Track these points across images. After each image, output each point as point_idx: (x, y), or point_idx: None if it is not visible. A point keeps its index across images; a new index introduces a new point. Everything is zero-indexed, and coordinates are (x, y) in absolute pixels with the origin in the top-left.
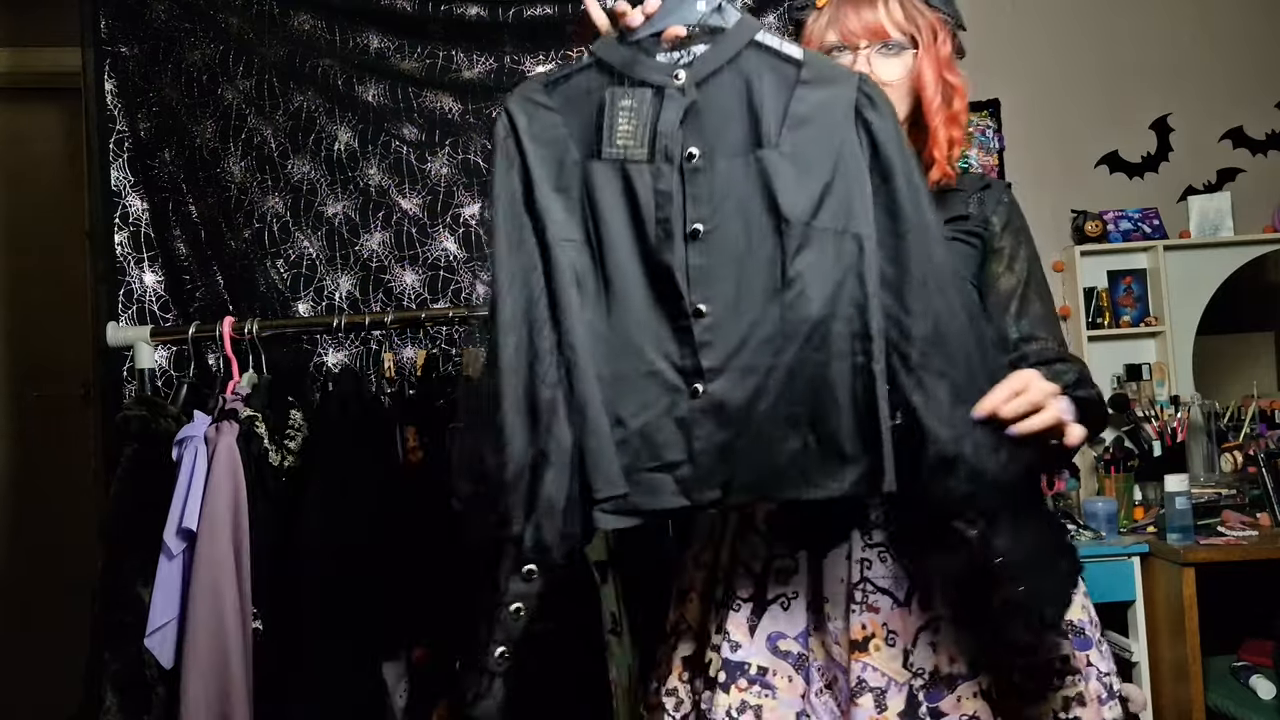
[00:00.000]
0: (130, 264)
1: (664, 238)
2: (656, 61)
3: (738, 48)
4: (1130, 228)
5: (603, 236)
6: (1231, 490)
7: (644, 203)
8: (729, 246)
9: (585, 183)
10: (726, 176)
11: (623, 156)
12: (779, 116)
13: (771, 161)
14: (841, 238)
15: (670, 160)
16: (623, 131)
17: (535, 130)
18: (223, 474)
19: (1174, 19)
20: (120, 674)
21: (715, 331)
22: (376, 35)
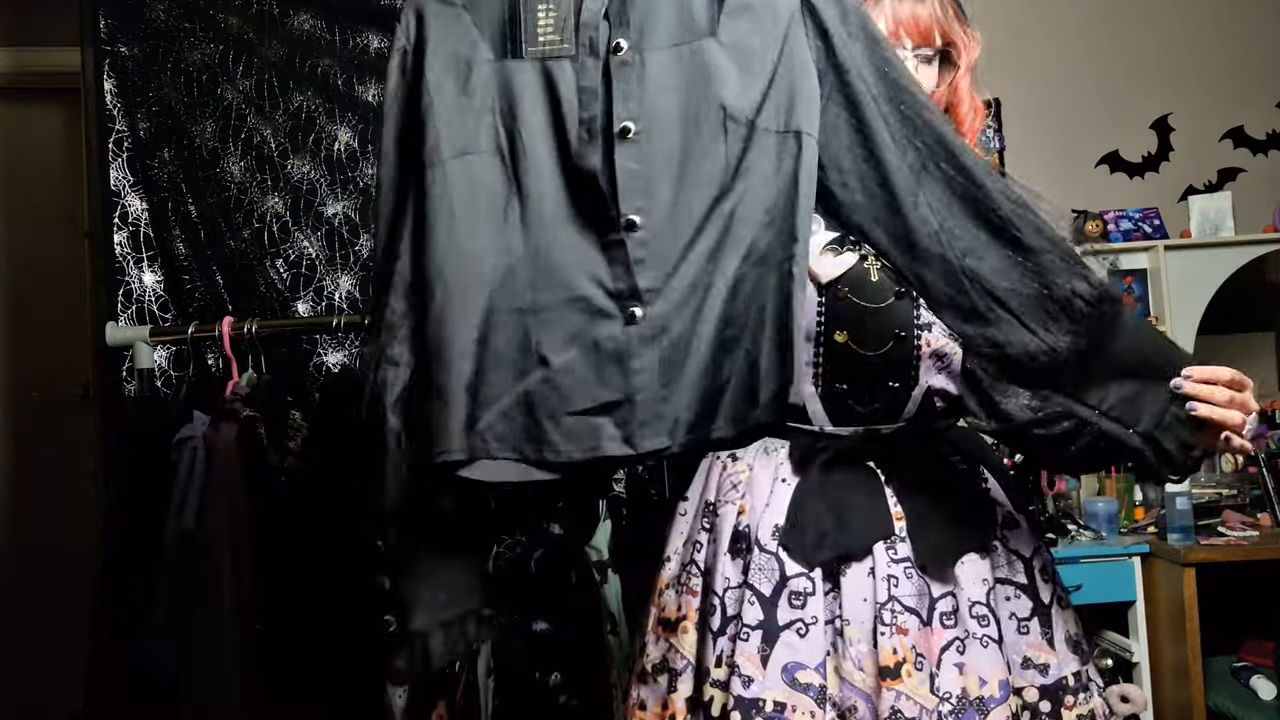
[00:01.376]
0: (130, 264)
1: (587, 140)
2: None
3: None
4: (1131, 228)
5: (518, 145)
6: (1232, 490)
7: (566, 102)
8: (664, 149)
9: (500, 85)
10: (660, 70)
11: (542, 53)
12: (715, 3)
13: (710, 52)
14: (784, 137)
15: (595, 53)
16: (543, 25)
17: (438, 33)
18: (222, 474)
19: (1174, 19)
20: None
21: (651, 246)
22: (376, 35)
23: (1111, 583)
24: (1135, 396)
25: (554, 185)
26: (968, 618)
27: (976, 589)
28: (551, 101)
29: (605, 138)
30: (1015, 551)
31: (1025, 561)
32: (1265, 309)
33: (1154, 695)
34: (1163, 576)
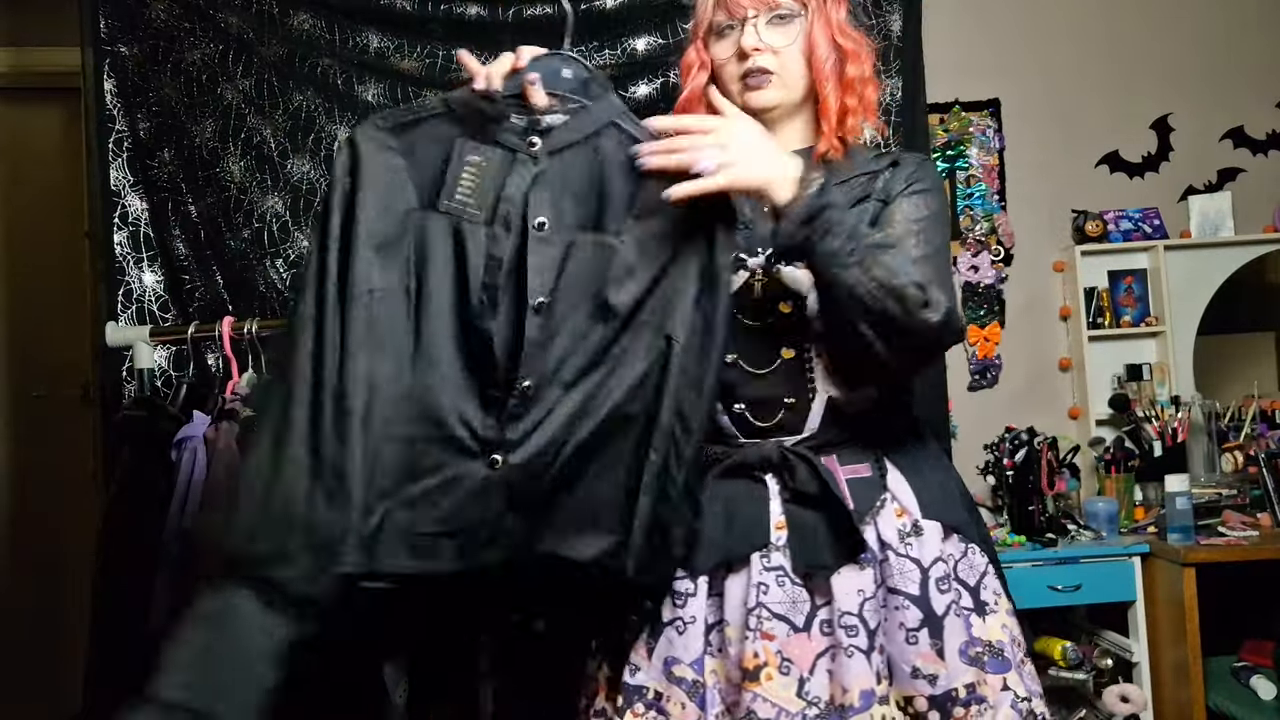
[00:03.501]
0: (130, 264)
1: (486, 305)
2: (513, 124)
3: (598, 125)
4: (1131, 228)
5: (423, 291)
6: (1232, 490)
7: (473, 265)
8: (557, 322)
9: (417, 233)
10: (568, 253)
11: (460, 213)
12: (625, 204)
13: (609, 249)
14: (657, 333)
15: (508, 227)
16: (465, 188)
17: (373, 171)
18: (222, 474)
19: (1174, 19)
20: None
21: (525, 404)
22: (376, 35)
23: (1111, 583)
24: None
25: (447, 334)
26: (838, 627)
27: (849, 600)
28: (458, 259)
29: (514, 307)
30: (915, 560)
31: (922, 571)
32: (1265, 309)
33: (1154, 695)
34: (1163, 576)
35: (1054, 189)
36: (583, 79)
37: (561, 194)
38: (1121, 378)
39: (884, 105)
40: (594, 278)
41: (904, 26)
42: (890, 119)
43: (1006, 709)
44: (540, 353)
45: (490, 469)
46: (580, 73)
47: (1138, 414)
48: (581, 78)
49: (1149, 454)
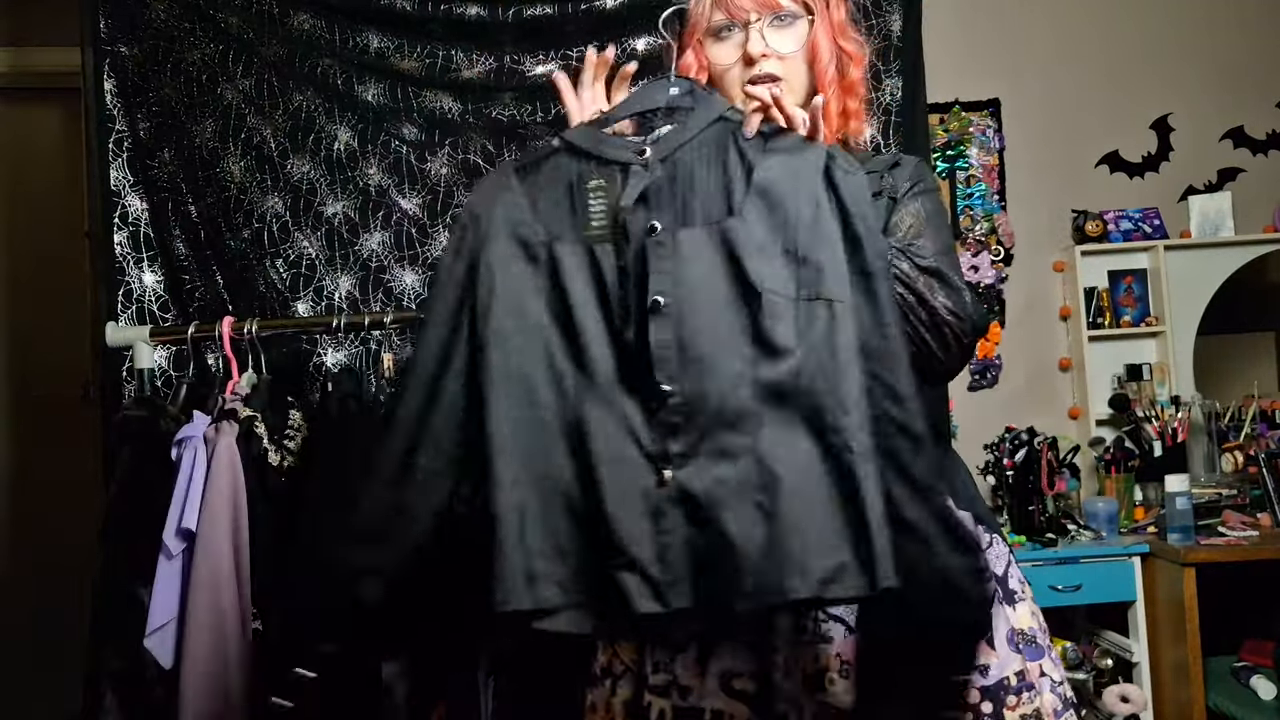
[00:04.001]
0: (130, 264)
1: (627, 316)
2: (624, 140)
3: (704, 123)
4: (1131, 228)
5: (573, 321)
6: (1232, 490)
7: (609, 282)
8: (693, 321)
9: (553, 267)
10: (688, 247)
11: (589, 237)
12: (743, 186)
13: (734, 230)
14: (812, 305)
15: (629, 237)
16: (596, 212)
17: (502, 215)
18: (222, 474)
19: (1174, 19)
20: (120, 674)
21: (683, 413)
22: (376, 35)
23: (1111, 583)
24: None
25: (604, 356)
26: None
27: None
28: (596, 280)
29: (639, 313)
30: None
31: None
32: (1265, 309)
33: (1154, 695)
34: (1163, 576)
35: (1054, 189)
36: (686, 89)
37: (676, 195)
38: (1121, 378)
39: (884, 105)
40: (725, 264)
41: (904, 26)
42: (890, 119)
43: (1048, 694)
44: (678, 355)
45: (660, 486)
46: (683, 85)
47: (1138, 414)
48: (685, 89)
49: (1149, 454)
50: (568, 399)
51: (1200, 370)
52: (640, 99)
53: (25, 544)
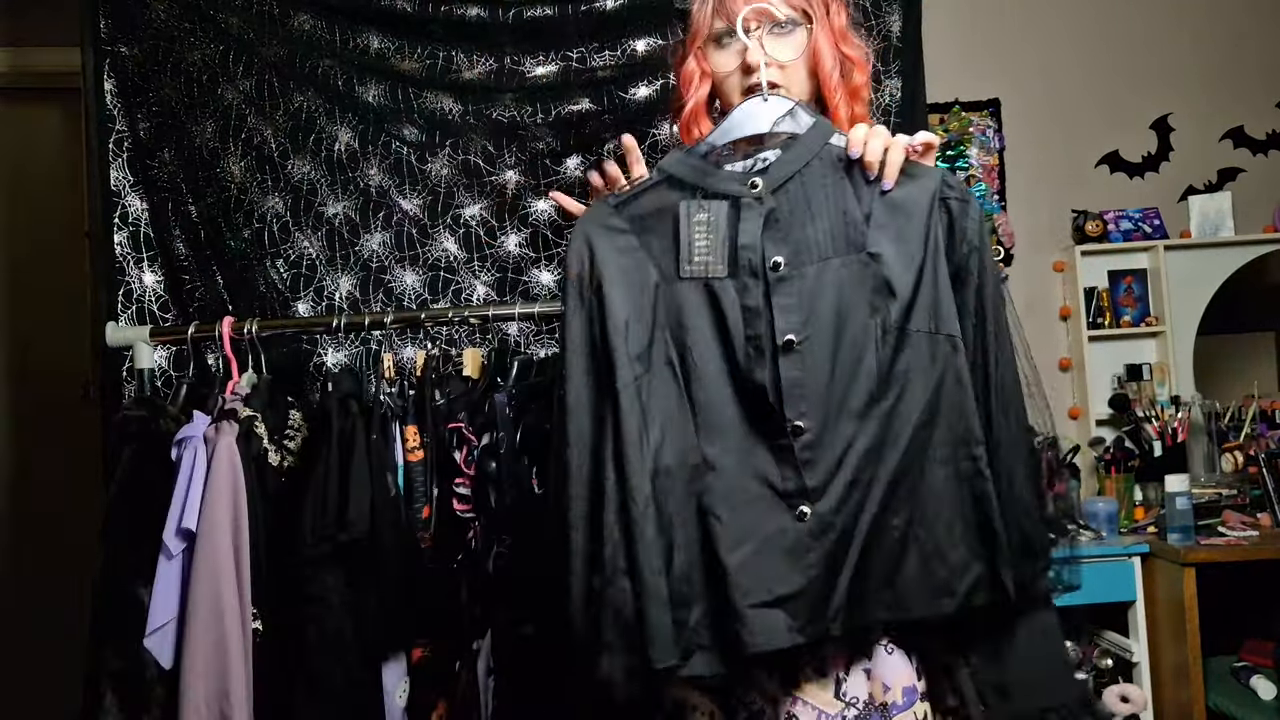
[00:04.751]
0: (130, 264)
1: (755, 355)
2: (729, 171)
3: (813, 151)
4: (1131, 228)
5: (689, 360)
6: (1232, 490)
7: (731, 320)
8: (822, 356)
9: (668, 305)
10: (815, 283)
11: (704, 274)
12: (862, 218)
13: (862, 264)
14: (934, 339)
15: (755, 274)
16: (700, 248)
17: (610, 257)
18: (222, 474)
19: (1174, 19)
20: (120, 674)
21: (816, 448)
22: (376, 35)
23: (1111, 583)
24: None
25: (723, 395)
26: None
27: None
28: (716, 318)
29: (770, 351)
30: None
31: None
32: (1265, 309)
33: (1154, 695)
34: (1163, 576)
35: (1054, 189)
36: (787, 109)
37: (795, 228)
38: (1121, 378)
39: (884, 106)
40: (855, 299)
41: (904, 27)
42: (890, 119)
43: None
44: (809, 391)
45: (798, 521)
46: (782, 105)
47: (1138, 414)
48: (785, 109)
49: (1149, 454)
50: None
51: (1200, 370)
52: (742, 123)
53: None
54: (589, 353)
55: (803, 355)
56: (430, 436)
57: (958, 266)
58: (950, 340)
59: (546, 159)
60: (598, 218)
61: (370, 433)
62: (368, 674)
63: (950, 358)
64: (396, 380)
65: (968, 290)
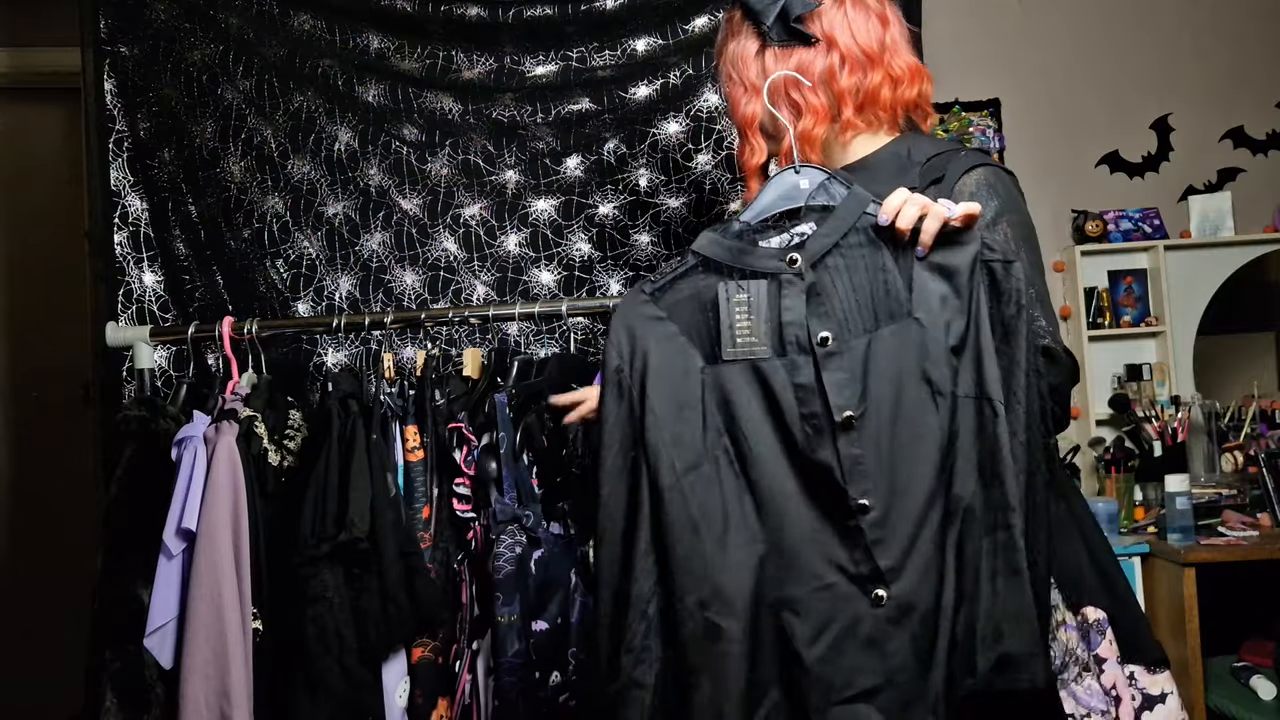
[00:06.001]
0: (130, 264)
1: (813, 434)
2: (765, 248)
3: (849, 222)
4: (1131, 228)
5: (742, 446)
6: (1232, 490)
7: (784, 401)
8: (880, 430)
9: (714, 390)
10: (865, 355)
11: (749, 355)
12: (903, 285)
13: (908, 332)
14: (980, 404)
15: (804, 350)
16: (742, 329)
17: (651, 347)
18: (223, 474)
19: (1174, 19)
20: (120, 674)
21: (884, 526)
22: (376, 35)
23: None
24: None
25: (782, 478)
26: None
27: None
28: (768, 400)
29: (828, 428)
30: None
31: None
32: (1265, 309)
33: None
34: (1163, 576)
35: (1054, 189)
36: (819, 182)
37: (837, 301)
38: (1121, 378)
39: None
40: (905, 369)
41: None
42: None
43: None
44: (870, 467)
45: (876, 606)
46: (815, 177)
47: (1138, 414)
48: (818, 181)
49: (1149, 454)
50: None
51: (1200, 370)
52: (775, 199)
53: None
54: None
55: (860, 431)
56: (430, 436)
57: (1005, 328)
58: (992, 405)
59: (546, 159)
60: (634, 308)
61: (370, 432)
62: (368, 674)
63: (993, 423)
64: (396, 380)
65: (1016, 351)
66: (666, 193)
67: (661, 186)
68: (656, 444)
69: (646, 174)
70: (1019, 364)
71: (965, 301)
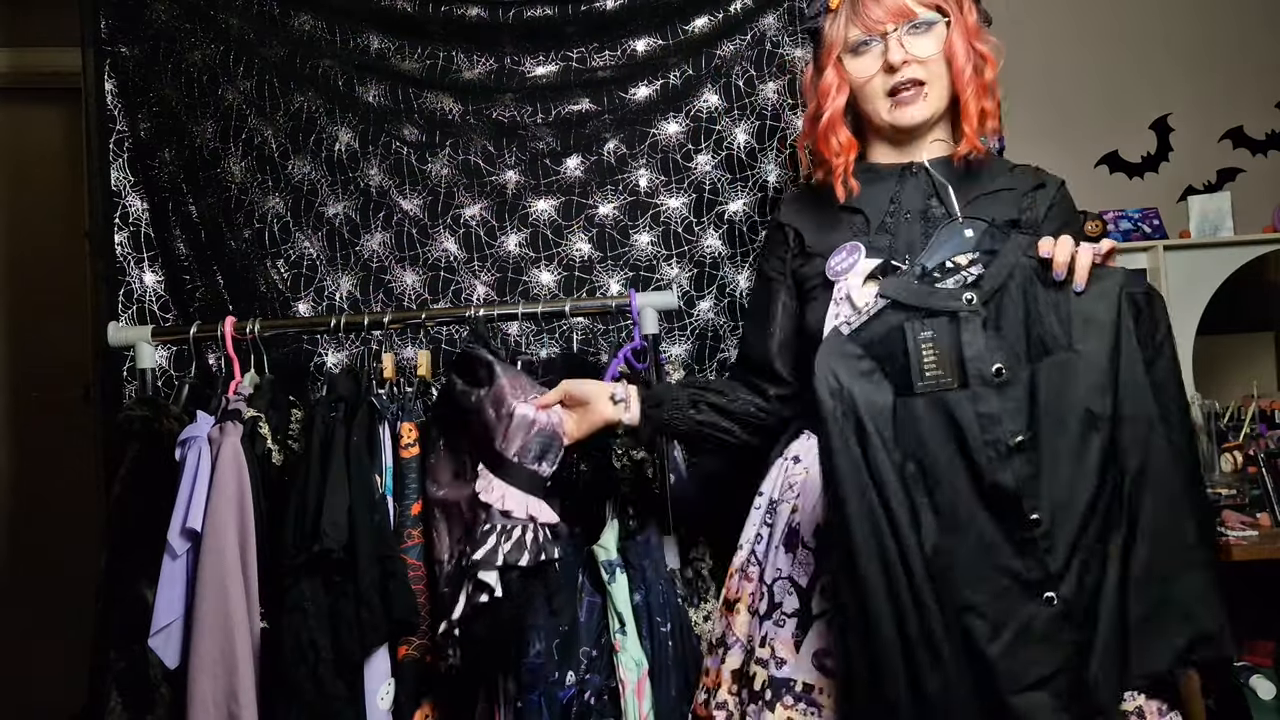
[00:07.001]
0: (130, 264)
1: (996, 458)
2: (944, 289)
3: (1013, 263)
4: (1130, 228)
5: (930, 469)
6: (1231, 490)
7: (969, 428)
8: (1049, 451)
9: (904, 419)
10: (1031, 385)
11: (935, 387)
12: (1064, 318)
13: (1071, 363)
14: (1136, 422)
15: (987, 382)
16: (929, 362)
17: (855, 382)
18: (227, 474)
19: (1174, 19)
20: (125, 674)
21: (1053, 537)
22: (376, 36)
23: None
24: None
25: (968, 497)
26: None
27: None
28: (953, 428)
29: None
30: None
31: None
32: (1265, 309)
33: None
34: None
35: None
36: (982, 230)
37: (1008, 334)
38: None
39: None
40: (1070, 394)
41: None
42: None
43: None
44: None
45: (1048, 605)
46: (978, 226)
47: None
48: (981, 229)
49: None
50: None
51: (1200, 370)
52: (949, 246)
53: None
54: (857, 474)
55: (1030, 453)
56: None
57: (1155, 351)
58: (1148, 421)
59: (546, 159)
60: (836, 348)
61: (351, 435)
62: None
63: (1149, 437)
64: (387, 382)
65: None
66: (666, 193)
67: (661, 186)
68: (878, 466)
69: (646, 174)
70: (1169, 382)
71: (1116, 331)
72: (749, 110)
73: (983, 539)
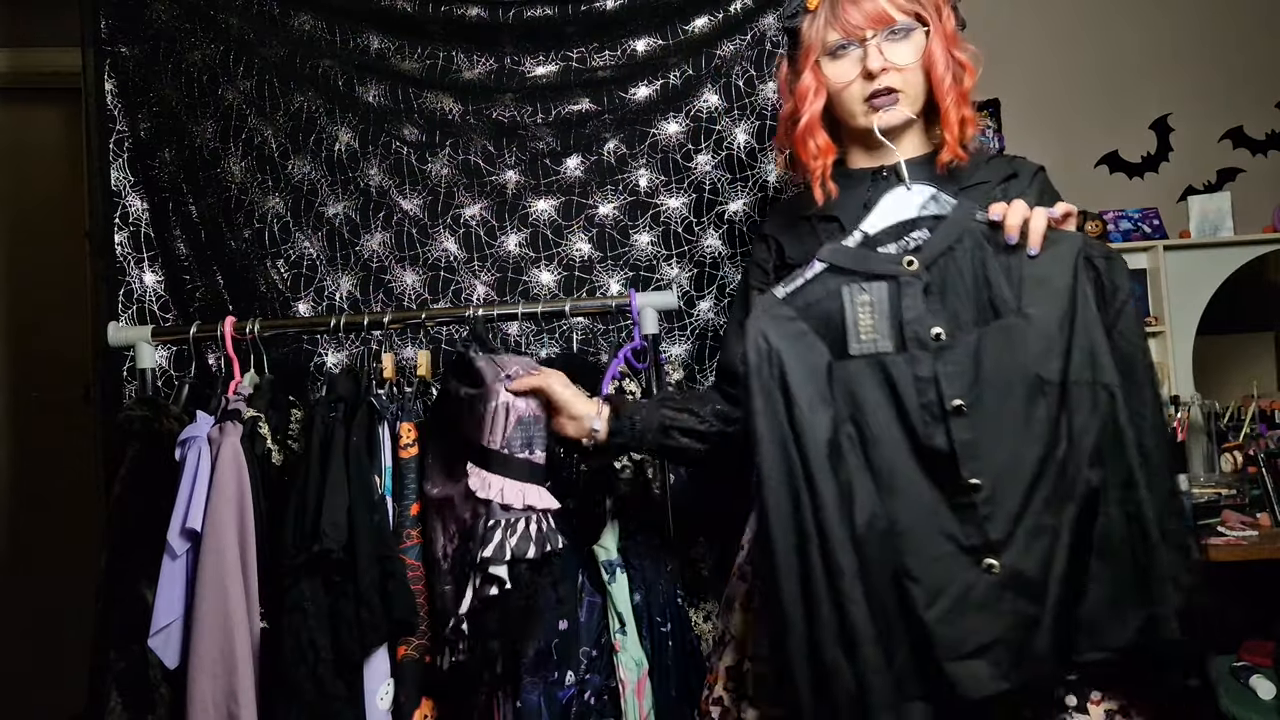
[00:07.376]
0: (130, 264)
1: (931, 421)
2: (884, 254)
3: (960, 228)
4: (1130, 228)
5: (866, 433)
6: (1231, 490)
7: (904, 391)
8: (991, 416)
9: (841, 382)
10: (975, 349)
11: (873, 350)
12: (1013, 282)
13: (1018, 328)
14: (1094, 389)
15: (924, 346)
16: (866, 326)
17: (785, 345)
18: (227, 474)
19: (1174, 19)
20: (125, 674)
21: (994, 503)
22: (376, 36)
23: None
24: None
25: (903, 462)
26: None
27: None
28: (890, 390)
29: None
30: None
31: None
32: (1265, 309)
33: None
34: None
35: None
36: (930, 195)
37: (950, 299)
38: None
39: None
40: (1014, 360)
41: None
42: None
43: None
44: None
45: (988, 573)
46: (925, 191)
47: None
48: (929, 194)
49: None
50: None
51: (1200, 370)
52: (893, 211)
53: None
54: (779, 437)
55: (972, 418)
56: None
57: (1115, 315)
58: (1108, 389)
59: (546, 159)
60: (768, 309)
61: (350, 436)
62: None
63: (1109, 405)
64: (387, 382)
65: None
66: (666, 193)
67: (661, 187)
68: (805, 427)
69: (646, 174)
70: (1135, 350)
71: (1071, 295)
72: (749, 110)
73: (922, 502)
